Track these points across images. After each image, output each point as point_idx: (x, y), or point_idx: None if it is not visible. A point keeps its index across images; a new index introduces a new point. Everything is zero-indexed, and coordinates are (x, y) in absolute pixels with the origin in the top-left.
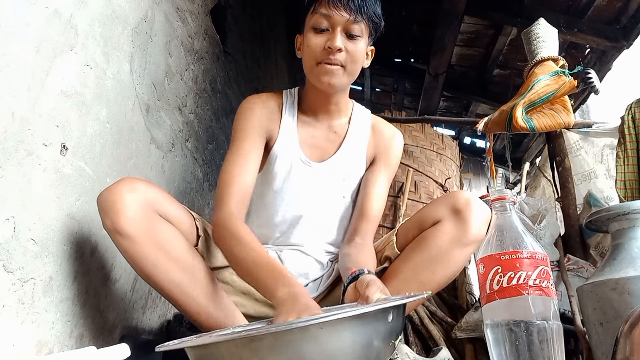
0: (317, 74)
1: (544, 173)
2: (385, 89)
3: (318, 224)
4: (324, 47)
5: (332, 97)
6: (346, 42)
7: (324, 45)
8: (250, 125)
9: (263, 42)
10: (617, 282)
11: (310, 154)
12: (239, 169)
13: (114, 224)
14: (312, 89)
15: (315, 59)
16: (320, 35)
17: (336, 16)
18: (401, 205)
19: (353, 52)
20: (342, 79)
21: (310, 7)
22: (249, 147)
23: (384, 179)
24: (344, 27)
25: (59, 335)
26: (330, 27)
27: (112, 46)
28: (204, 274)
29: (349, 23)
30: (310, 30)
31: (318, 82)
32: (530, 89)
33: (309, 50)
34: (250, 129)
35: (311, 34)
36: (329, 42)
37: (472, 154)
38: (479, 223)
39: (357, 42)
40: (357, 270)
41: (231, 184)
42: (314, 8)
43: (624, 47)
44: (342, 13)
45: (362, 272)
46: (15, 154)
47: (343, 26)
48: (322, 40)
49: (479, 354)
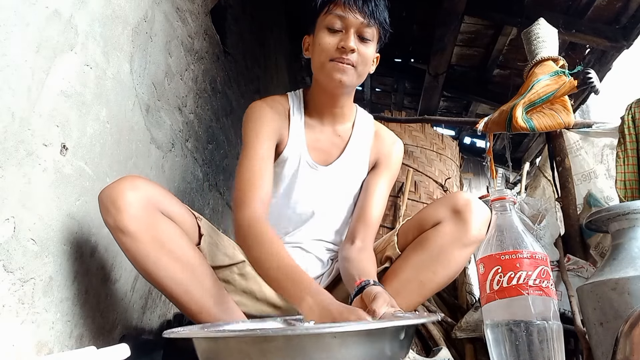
0: (329, 70)
1: (544, 173)
2: (385, 89)
3: (321, 224)
4: (337, 47)
5: (339, 99)
6: (358, 44)
7: (337, 44)
8: (264, 131)
9: (263, 42)
10: (617, 282)
11: (316, 158)
12: (260, 169)
13: (116, 222)
14: (319, 91)
15: (327, 57)
16: (333, 35)
17: (351, 18)
18: (401, 205)
19: (364, 54)
20: (353, 78)
21: (325, 8)
22: (265, 151)
23: (385, 184)
24: (357, 29)
25: (59, 335)
26: (344, 28)
27: (112, 46)
28: (206, 273)
29: (362, 26)
30: (324, 30)
31: (329, 79)
32: (530, 89)
33: (320, 48)
34: (264, 135)
35: (324, 33)
36: (343, 42)
37: (472, 154)
38: (479, 223)
39: (368, 45)
40: (363, 282)
41: (254, 184)
42: (329, 9)
43: (623, 47)
44: (357, 16)
45: (368, 283)
46: (15, 154)
47: (357, 28)
48: (335, 40)
49: (479, 354)
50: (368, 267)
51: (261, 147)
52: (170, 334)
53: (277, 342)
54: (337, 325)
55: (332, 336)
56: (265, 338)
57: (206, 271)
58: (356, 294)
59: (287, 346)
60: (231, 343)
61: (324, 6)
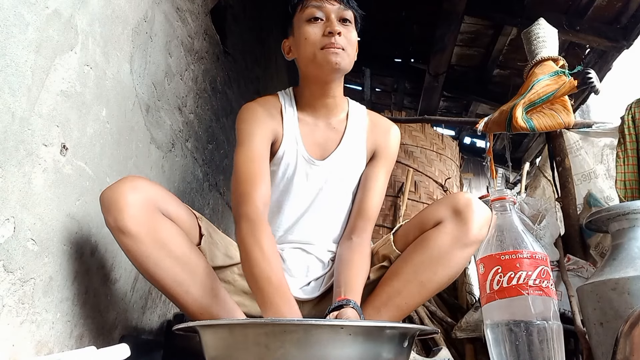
0: (323, 57)
1: (544, 173)
2: (385, 89)
3: (320, 221)
4: (323, 34)
5: (331, 87)
6: (341, 27)
7: (322, 32)
8: (256, 129)
9: (263, 42)
10: (617, 282)
11: (313, 152)
12: (258, 169)
13: (117, 222)
14: (310, 84)
15: (317, 46)
16: (316, 24)
17: (328, 5)
18: (401, 205)
19: (349, 36)
20: (346, 61)
21: (299, 5)
22: (261, 151)
23: (383, 174)
24: (337, 14)
25: (59, 335)
26: (324, 16)
27: (112, 46)
28: (206, 273)
29: (340, 10)
30: (304, 24)
31: (324, 65)
32: (530, 89)
33: (307, 41)
34: (257, 132)
35: (306, 26)
36: (329, 27)
37: (472, 154)
38: (479, 224)
39: (349, 27)
40: (344, 301)
41: (255, 181)
42: (304, 4)
43: (624, 47)
44: (332, 2)
45: (348, 303)
46: (15, 154)
47: (336, 13)
48: (319, 29)
49: (479, 354)
50: (357, 276)
51: (257, 146)
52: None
53: (297, 333)
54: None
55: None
56: (285, 329)
57: (207, 271)
58: (334, 308)
59: (305, 338)
60: (249, 333)
61: (298, 4)
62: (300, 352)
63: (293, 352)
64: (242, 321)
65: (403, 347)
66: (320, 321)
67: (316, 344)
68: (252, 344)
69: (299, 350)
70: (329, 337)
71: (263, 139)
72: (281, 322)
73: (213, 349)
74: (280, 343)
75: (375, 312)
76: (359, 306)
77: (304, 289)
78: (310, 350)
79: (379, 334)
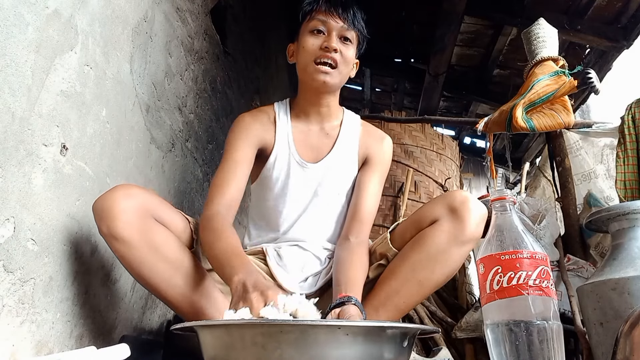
0: (313, 71)
1: (544, 173)
2: (385, 89)
3: (316, 221)
4: (320, 47)
5: (324, 97)
6: (340, 45)
7: (320, 45)
8: (241, 138)
9: (263, 43)
10: (617, 282)
11: (305, 156)
12: (230, 175)
13: (110, 229)
14: (305, 91)
15: (311, 57)
16: (317, 36)
17: (332, 22)
18: (401, 205)
19: (346, 54)
20: (335, 79)
21: (307, 16)
22: (240, 157)
23: (376, 179)
24: (338, 32)
25: (59, 335)
26: (326, 31)
27: (112, 46)
28: (201, 276)
29: (342, 29)
30: (307, 34)
31: (313, 80)
32: (530, 89)
33: (304, 50)
34: (241, 141)
35: (308, 36)
36: (326, 42)
37: (472, 154)
38: (475, 221)
39: (349, 46)
40: (345, 298)
41: (222, 187)
42: (312, 15)
43: (624, 47)
44: (337, 20)
45: (350, 300)
46: (15, 154)
47: (338, 31)
48: (318, 42)
49: (479, 354)
50: (357, 275)
51: (236, 153)
52: (177, 326)
53: (293, 333)
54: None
55: (344, 333)
56: (281, 329)
57: (201, 274)
58: (336, 305)
59: (302, 338)
60: (246, 334)
61: (307, 14)
62: (297, 353)
63: (290, 352)
64: (238, 321)
65: (403, 347)
66: (317, 322)
67: (314, 344)
68: (250, 344)
69: (296, 350)
70: (326, 338)
71: (245, 148)
72: (277, 323)
73: (211, 349)
74: (276, 344)
75: (374, 311)
76: (360, 303)
77: (301, 284)
78: (307, 350)
79: (378, 334)
